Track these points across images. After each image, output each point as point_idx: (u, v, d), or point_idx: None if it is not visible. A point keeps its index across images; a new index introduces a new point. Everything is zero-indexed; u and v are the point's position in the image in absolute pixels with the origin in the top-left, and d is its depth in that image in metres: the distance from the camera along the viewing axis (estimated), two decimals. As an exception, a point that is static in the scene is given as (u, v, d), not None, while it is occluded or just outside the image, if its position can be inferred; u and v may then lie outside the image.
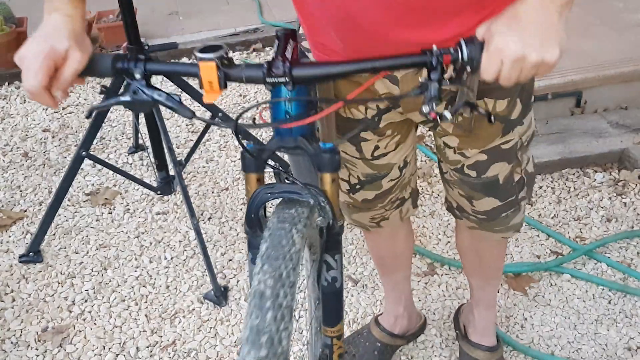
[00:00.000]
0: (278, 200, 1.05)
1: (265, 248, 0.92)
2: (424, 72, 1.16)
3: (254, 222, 1.05)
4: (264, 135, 2.76)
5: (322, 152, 1.03)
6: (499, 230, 1.44)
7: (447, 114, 0.93)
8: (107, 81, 2.22)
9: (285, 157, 2.30)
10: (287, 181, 1.07)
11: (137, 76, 0.98)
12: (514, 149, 1.29)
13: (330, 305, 1.21)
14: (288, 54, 0.96)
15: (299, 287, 0.92)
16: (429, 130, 1.34)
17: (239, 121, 0.98)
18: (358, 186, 1.40)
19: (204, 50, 0.95)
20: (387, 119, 1.29)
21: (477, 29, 0.92)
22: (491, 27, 0.90)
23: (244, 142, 1.02)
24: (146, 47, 2.02)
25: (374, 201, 1.43)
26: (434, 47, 0.91)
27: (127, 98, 0.98)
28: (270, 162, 1.08)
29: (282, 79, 0.95)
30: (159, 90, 0.99)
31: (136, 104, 0.99)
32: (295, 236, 0.93)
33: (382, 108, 1.27)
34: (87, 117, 1.07)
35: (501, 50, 0.87)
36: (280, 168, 1.13)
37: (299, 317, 1.68)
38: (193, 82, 1.73)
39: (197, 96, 2.25)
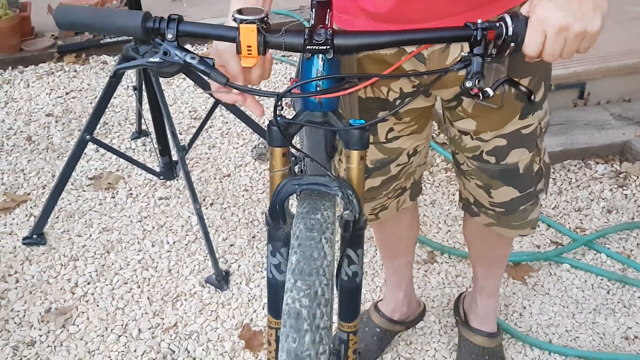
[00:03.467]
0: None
1: (296, 261, 0.86)
2: (451, 49, 1.15)
3: (278, 214, 1.00)
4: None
5: (353, 128, 0.99)
6: (517, 225, 1.42)
7: (490, 91, 0.90)
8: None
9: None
10: (299, 165, 1.03)
11: (170, 36, 0.91)
12: (534, 135, 1.28)
13: (349, 300, 1.17)
14: (327, 22, 0.92)
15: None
16: (447, 112, 1.31)
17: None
18: (365, 175, 1.40)
19: (244, 11, 0.89)
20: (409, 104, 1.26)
21: (522, 7, 0.90)
22: (533, 1, 0.88)
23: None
24: None
25: (379, 189, 1.42)
26: (479, 21, 0.88)
27: (156, 59, 0.91)
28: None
29: (323, 47, 0.89)
30: (192, 52, 0.92)
31: (165, 66, 0.92)
32: (326, 247, 0.89)
33: (405, 92, 1.24)
34: (112, 77, 1.01)
35: (543, 20, 0.85)
36: (300, 152, 1.07)
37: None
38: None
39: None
